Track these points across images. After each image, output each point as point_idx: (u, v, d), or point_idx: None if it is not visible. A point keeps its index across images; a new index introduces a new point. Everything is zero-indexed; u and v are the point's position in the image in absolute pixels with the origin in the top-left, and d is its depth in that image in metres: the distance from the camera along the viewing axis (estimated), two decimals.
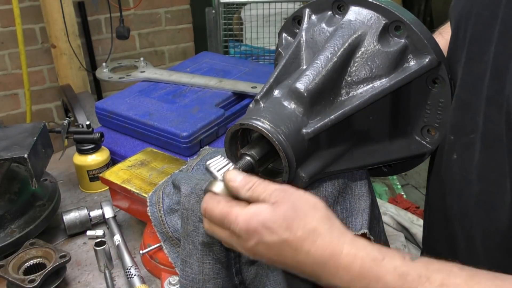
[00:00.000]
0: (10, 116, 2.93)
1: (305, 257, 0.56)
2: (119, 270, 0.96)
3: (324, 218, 0.57)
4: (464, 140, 0.64)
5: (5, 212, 0.97)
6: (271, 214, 0.57)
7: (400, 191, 2.48)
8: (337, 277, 0.55)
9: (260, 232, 0.57)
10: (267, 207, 0.57)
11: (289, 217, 0.56)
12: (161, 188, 0.88)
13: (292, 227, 0.56)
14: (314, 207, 0.58)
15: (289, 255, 0.57)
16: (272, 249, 0.57)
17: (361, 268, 0.53)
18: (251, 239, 0.58)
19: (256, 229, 0.57)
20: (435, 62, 0.69)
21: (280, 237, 0.56)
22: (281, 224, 0.56)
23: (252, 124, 0.66)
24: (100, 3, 2.72)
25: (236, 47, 2.72)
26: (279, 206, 0.57)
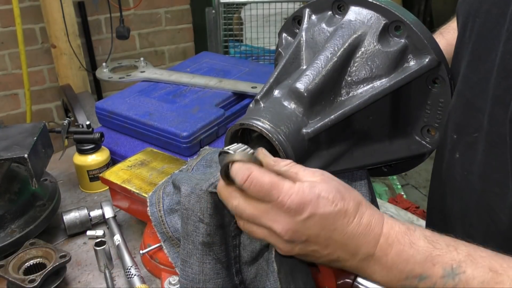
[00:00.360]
0: (10, 116, 2.93)
1: (356, 227, 0.57)
2: (119, 270, 0.96)
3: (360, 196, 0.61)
4: (467, 139, 0.64)
5: (5, 212, 0.97)
6: (326, 187, 0.57)
7: (400, 191, 2.49)
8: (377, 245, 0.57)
9: (316, 203, 0.56)
10: (321, 180, 0.58)
11: (341, 190, 0.58)
12: (161, 188, 0.88)
13: (345, 199, 0.58)
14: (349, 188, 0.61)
15: (341, 227, 0.57)
16: (325, 221, 0.57)
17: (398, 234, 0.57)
18: (304, 211, 0.56)
19: (312, 200, 0.56)
20: (435, 62, 0.69)
21: (337, 206, 0.57)
22: (336, 195, 0.57)
23: (252, 124, 0.66)
24: (100, 3, 2.72)
25: (236, 47, 2.72)
26: (330, 181, 0.58)
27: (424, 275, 0.54)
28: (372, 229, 0.57)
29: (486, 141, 0.60)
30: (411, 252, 0.55)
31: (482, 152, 0.61)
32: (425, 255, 0.54)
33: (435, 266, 0.53)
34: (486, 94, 0.60)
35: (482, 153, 0.61)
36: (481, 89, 0.61)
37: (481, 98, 0.61)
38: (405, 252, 0.55)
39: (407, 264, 0.55)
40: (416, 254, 0.54)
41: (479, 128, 0.61)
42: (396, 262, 0.56)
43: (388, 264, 0.56)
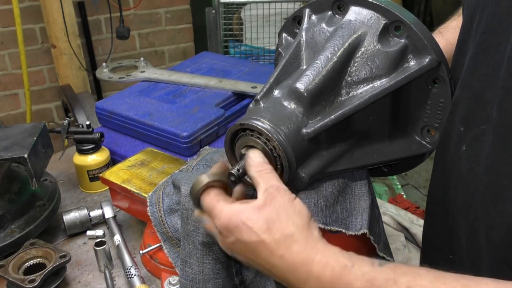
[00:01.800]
0: (10, 116, 2.93)
1: (279, 261, 0.57)
2: (119, 270, 0.96)
3: (304, 226, 0.59)
4: (474, 131, 0.64)
5: (5, 212, 0.97)
6: (254, 215, 0.59)
7: (400, 191, 2.48)
8: (307, 285, 0.56)
9: (240, 229, 0.59)
10: (252, 207, 0.60)
11: (271, 219, 0.58)
12: (161, 188, 0.88)
13: (272, 230, 0.58)
14: (298, 214, 0.59)
15: (264, 257, 0.58)
16: (249, 248, 0.59)
17: (331, 277, 0.55)
18: (230, 236, 0.60)
19: (237, 226, 0.59)
20: (435, 62, 0.69)
21: (259, 237, 0.58)
22: (262, 225, 0.58)
23: (252, 124, 0.66)
24: (100, 3, 2.72)
25: (236, 47, 2.72)
26: (264, 208, 0.59)
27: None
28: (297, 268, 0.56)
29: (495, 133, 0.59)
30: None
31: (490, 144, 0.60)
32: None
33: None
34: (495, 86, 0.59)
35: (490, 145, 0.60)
36: (490, 81, 0.60)
37: (489, 90, 0.60)
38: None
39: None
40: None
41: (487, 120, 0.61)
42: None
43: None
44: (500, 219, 0.59)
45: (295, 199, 0.61)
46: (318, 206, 0.71)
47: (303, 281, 0.56)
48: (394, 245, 1.39)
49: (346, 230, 0.73)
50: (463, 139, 0.66)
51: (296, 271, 0.56)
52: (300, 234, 0.58)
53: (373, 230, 0.76)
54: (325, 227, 0.71)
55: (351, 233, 0.73)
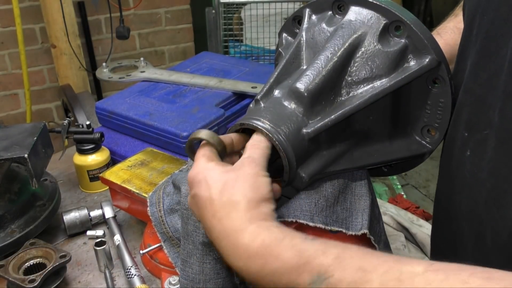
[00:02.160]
0: (10, 116, 2.93)
1: (216, 223, 0.58)
2: (119, 270, 0.96)
3: (253, 200, 0.58)
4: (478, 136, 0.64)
5: (5, 212, 0.97)
6: (218, 175, 0.60)
7: (400, 191, 2.49)
8: (235, 255, 0.56)
9: (200, 184, 0.60)
10: (219, 169, 0.61)
11: (227, 183, 0.59)
12: (161, 188, 0.88)
13: (223, 192, 0.59)
14: (254, 188, 0.59)
15: (208, 216, 0.59)
16: (200, 203, 0.60)
17: (260, 247, 0.54)
18: (192, 188, 0.62)
19: (200, 181, 0.61)
20: (435, 62, 0.69)
21: (210, 195, 0.59)
22: (217, 185, 0.59)
23: (252, 124, 0.66)
24: (100, 3, 2.72)
25: (236, 47, 2.72)
26: (229, 172, 0.60)
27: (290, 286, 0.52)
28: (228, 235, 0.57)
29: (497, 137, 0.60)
30: (274, 265, 0.53)
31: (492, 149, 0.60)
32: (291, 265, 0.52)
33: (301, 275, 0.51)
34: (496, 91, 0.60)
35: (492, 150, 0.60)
36: (492, 86, 0.61)
37: (491, 95, 0.61)
38: (268, 265, 0.53)
39: (272, 277, 0.53)
40: (281, 266, 0.53)
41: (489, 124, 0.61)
42: (261, 275, 0.54)
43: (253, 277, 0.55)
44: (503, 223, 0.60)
45: (262, 176, 0.61)
46: (318, 206, 0.71)
47: (231, 249, 0.56)
48: (394, 245, 1.39)
49: (346, 230, 0.73)
50: (467, 144, 0.66)
51: (228, 237, 0.57)
52: (245, 205, 0.58)
53: (373, 230, 0.76)
54: (325, 227, 0.71)
55: (352, 233, 0.73)
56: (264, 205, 0.59)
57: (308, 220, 0.70)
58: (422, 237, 1.41)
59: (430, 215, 2.37)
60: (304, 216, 0.70)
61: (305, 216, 0.70)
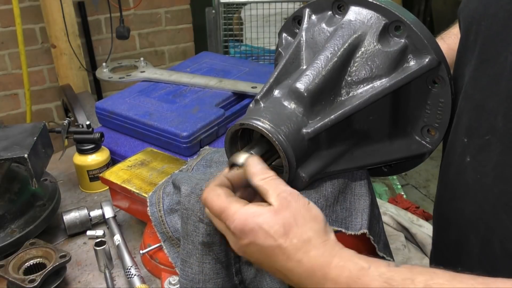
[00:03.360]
0: (10, 116, 2.93)
1: (296, 265, 0.57)
2: (119, 270, 0.96)
3: (321, 231, 0.58)
4: (478, 142, 0.64)
5: (5, 212, 0.97)
6: (271, 218, 0.58)
7: (400, 191, 2.49)
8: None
9: (256, 233, 0.58)
10: (268, 210, 0.58)
11: (288, 224, 0.57)
12: (161, 188, 0.88)
13: (289, 235, 0.57)
14: (314, 219, 0.59)
15: (280, 261, 0.58)
16: (264, 252, 0.58)
17: (348, 279, 0.54)
18: (245, 238, 0.59)
19: (253, 229, 0.58)
20: (435, 62, 0.69)
21: (276, 242, 0.57)
22: (279, 229, 0.57)
23: (252, 124, 0.66)
24: (100, 3, 2.72)
25: (236, 47, 2.72)
26: (281, 212, 0.58)
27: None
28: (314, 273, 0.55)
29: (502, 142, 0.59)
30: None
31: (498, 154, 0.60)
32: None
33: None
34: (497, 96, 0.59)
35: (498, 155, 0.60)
36: (492, 91, 0.61)
37: (492, 100, 0.61)
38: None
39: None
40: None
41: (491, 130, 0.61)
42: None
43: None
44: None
45: (310, 203, 0.60)
46: (318, 205, 0.71)
47: (320, 285, 0.55)
48: (394, 245, 1.39)
49: (346, 229, 0.73)
50: (467, 150, 0.66)
51: (314, 275, 0.56)
52: (318, 239, 0.57)
53: (373, 230, 0.76)
54: None
55: (351, 232, 0.73)
56: (329, 230, 0.59)
57: None
58: (422, 237, 1.42)
59: (430, 215, 2.37)
60: None
61: None
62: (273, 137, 0.65)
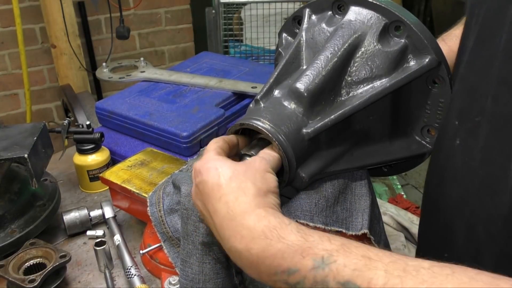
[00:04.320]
0: (10, 116, 2.93)
1: (222, 206, 0.58)
2: (119, 270, 0.96)
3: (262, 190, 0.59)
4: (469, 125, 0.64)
5: (5, 212, 0.97)
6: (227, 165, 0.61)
7: (400, 191, 2.48)
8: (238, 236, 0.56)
9: (208, 171, 0.61)
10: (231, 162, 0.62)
11: (237, 172, 0.60)
12: (161, 188, 0.88)
13: (232, 179, 0.59)
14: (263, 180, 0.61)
15: (213, 200, 0.59)
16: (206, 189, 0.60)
17: (265, 228, 0.54)
18: (198, 176, 0.62)
19: (208, 168, 0.61)
20: (435, 62, 0.69)
21: (218, 180, 0.59)
22: (227, 172, 0.60)
23: (252, 124, 0.66)
24: (100, 3, 2.72)
25: (236, 47, 2.72)
26: (239, 166, 0.61)
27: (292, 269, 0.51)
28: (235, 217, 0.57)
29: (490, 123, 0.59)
30: (278, 246, 0.53)
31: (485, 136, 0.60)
32: (295, 249, 0.52)
33: (305, 258, 0.51)
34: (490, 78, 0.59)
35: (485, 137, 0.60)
36: (485, 73, 0.61)
37: (484, 82, 0.61)
38: (271, 247, 0.53)
39: (274, 259, 0.53)
40: (285, 249, 0.52)
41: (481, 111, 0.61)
42: (262, 257, 0.54)
43: (253, 260, 0.55)
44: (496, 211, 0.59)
45: (271, 173, 0.62)
46: (318, 206, 0.71)
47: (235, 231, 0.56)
48: (394, 245, 1.39)
49: (346, 230, 0.73)
50: (457, 133, 0.66)
51: (233, 219, 0.57)
52: (254, 191, 0.58)
53: (373, 230, 0.76)
54: (325, 227, 0.71)
55: (352, 233, 0.73)
56: (271, 196, 0.60)
57: (308, 220, 0.70)
58: None
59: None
60: (304, 216, 0.70)
61: (305, 216, 0.70)
62: (273, 137, 0.65)
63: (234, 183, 0.59)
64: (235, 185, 0.59)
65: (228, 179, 0.59)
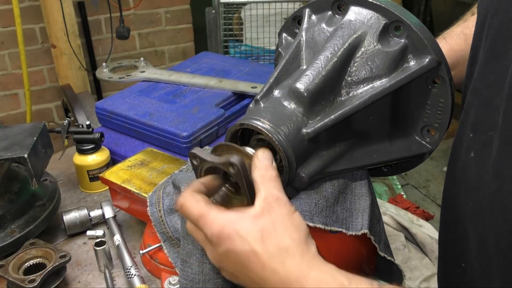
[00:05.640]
0: (10, 116, 2.93)
1: (270, 275, 0.55)
2: (119, 270, 0.96)
3: (301, 240, 0.56)
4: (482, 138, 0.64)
5: (5, 212, 0.97)
6: (249, 224, 0.56)
7: (400, 191, 2.49)
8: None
9: (232, 239, 0.56)
10: (247, 216, 0.57)
11: (266, 230, 0.56)
12: (161, 188, 0.88)
13: (266, 241, 0.55)
14: (296, 228, 0.57)
15: (255, 269, 0.56)
16: (239, 260, 0.56)
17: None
18: (222, 245, 0.57)
19: (230, 235, 0.56)
20: (435, 62, 0.69)
21: (251, 247, 0.55)
22: (256, 235, 0.55)
23: (252, 124, 0.66)
24: (100, 3, 2.72)
25: (236, 47, 2.72)
26: (261, 218, 0.56)
27: None
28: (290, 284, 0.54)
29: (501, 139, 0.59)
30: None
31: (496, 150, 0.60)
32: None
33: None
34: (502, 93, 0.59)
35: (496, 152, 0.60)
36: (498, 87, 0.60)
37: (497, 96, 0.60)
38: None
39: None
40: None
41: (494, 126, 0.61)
42: None
43: None
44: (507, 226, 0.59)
45: (295, 213, 0.58)
46: (318, 206, 0.71)
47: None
48: (394, 245, 1.39)
49: (346, 230, 0.73)
50: (472, 146, 0.66)
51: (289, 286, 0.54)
52: (296, 249, 0.55)
53: (373, 230, 0.76)
54: (325, 227, 0.71)
55: (352, 233, 0.73)
56: (311, 242, 0.57)
57: (308, 221, 0.70)
58: (422, 237, 1.41)
59: (430, 215, 2.37)
60: (304, 216, 0.70)
61: (305, 217, 0.70)
62: (273, 137, 0.65)
63: (271, 246, 0.55)
64: (273, 249, 0.55)
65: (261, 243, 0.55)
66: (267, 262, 0.54)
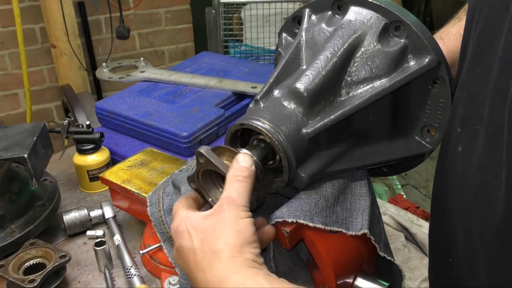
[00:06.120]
0: (10, 116, 2.93)
1: (200, 275, 0.57)
2: (119, 270, 0.96)
3: (236, 246, 0.57)
4: (469, 132, 0.64)
5: (5, 212, 0.97)
6: (198, 223, 0.59)
7: (400, 191, 2.49)
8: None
9: (183, 235, 0.60)
10: (199, 215, 0.60)
11: (208, 231, 0.58)
12: (161, 188, 0.88)
13: (204, 241, 0.57)
14: (235, 233, 0.57)
15: (192, 267, 0.58)
16: (184, 255, 0.60)
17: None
18: (176, 240, 0.61)
19: (182, 231, 0.60)
20: (435, 62, 0.69)
21: (192, 245, 0.58)
22: (199, 234, 0.58)
23: (252, 124, 0.66)
24: (100, 3, 2.72)
25: (236, 47, 2.72)
26: (208, 218, 0.59)
27: None
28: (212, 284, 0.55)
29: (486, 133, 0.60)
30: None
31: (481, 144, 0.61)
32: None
33: None
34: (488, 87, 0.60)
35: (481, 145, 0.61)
36: (484, 81, 0.61)
37: (484, 90, 0.61)
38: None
39: None
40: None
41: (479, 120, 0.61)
42: None
43: None
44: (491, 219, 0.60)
45: (244, 219, 0.59)
46: (318, 206, 0.71)
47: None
48: (394, 245, 1.39)
49: (346, 230, 0.73)
50: (459, 140, 0.66)
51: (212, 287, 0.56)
52: (227, 253, 0.56)
53: (373, 230, 0.76)
54: (325, 227, 0.71)
55: (352, 233, 0.73)
56: (247, 250, 0.57)
57: (308, 221, 0.70)
58: (422, 237, 1.41)
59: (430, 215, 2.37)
60: (304, 216, 0.70)
61: (305, 217, 0.70)
62: (272, 137, 0.65)
63: (206, 246, 0.57)
64: (207, 249, 0.57)
65: (200, 242, 0.58)
66: (199, 262, 0.57)
